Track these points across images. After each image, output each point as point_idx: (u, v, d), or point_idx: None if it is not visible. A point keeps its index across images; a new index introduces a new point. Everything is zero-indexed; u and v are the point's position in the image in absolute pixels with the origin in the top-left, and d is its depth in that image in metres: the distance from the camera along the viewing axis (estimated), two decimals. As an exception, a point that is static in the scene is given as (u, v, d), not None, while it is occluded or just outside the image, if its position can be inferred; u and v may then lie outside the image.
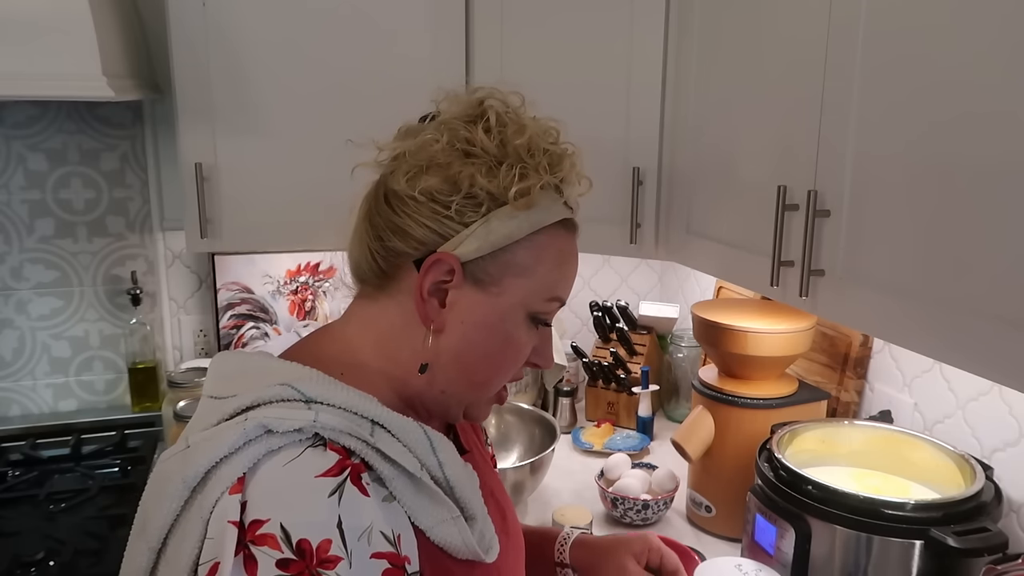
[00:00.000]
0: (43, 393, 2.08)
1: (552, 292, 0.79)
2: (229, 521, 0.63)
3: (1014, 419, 1.27)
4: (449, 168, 0.74)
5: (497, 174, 0.74)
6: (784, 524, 1.21)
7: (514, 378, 0.82)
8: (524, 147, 0.76)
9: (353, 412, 0.71)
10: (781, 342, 1.47)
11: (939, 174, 0.91)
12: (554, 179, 0.77)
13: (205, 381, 0.79)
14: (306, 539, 0.63)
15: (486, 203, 0.74)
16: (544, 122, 0.79)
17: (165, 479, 0.70)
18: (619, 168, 1.59)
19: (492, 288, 0.76)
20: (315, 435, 0.68)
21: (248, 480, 0.66)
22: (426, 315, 0.76)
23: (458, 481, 0.74)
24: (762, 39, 1.24)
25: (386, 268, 0.78)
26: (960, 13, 0.87)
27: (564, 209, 0.79)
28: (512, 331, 0.78)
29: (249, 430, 0.67)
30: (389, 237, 0.76)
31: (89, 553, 1.47)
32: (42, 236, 2.00)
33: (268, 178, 1.73)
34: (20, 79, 1.45)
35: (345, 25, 1.71)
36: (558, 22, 1.65)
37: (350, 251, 0.82)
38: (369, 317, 0.80)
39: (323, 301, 2.17)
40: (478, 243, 0.74)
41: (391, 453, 0.70)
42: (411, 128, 0.80)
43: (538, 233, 0.76)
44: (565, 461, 1.88)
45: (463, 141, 0.75)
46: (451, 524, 0.73)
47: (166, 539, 0.68)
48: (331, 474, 0.66)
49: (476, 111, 0.78)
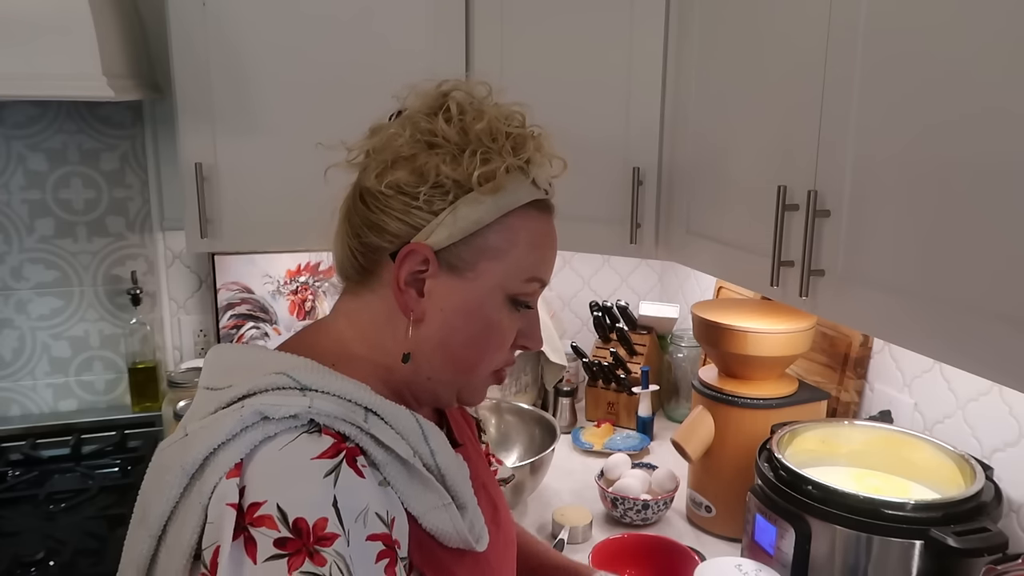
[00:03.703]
0: (43, 393, 2.08)
1: (529, 273, 0.80)
2: (227, 504, 0.64)
3: (1014, 419, 1.27)
4: (415, 160, 0.76)
5: (461, 161, 0.76)
6: (784, 524, 1.21)
7: (506, 363, 0.83)
8: (485, 132, 0.77)
9: (347, 399, 0.72)
10: (781, 342, 1.47)
11: (939, 173, 0.90)
12: (517, 161, 0.78)
13: (201, 373, 0.80)
14: (302, 518, 0.64)
15: (452, 191, 0.76)
16: (507, 107, 0.80)
17: (164, 468, 0.70)
18: (619, 168, 1.59)
19: (468, 273, 0.77)
20: (310, 421, 0.69)
21: (245, 465, 0.67)
22: (405, 305, 0.77)
23: (449, 469, 0.76)
24: (762, 39, 1.24)
25: (365, 264, 0.79)
26: (960, 12, 0.87)
27: (534, 190, 0.80)
28: (492, 315, 0.79)
29: (246, 417, 0.68)
30: (366, 233, 0.78)
31: (89, 553, 1.47)
32: (42, 236, 2.00)
33: (268, 178, 1.73)
34: (20, 79, 1.45)
35: (345, 25, 1.71)
36: (558, 22, 1.64)
37: (333, 251, 0.84)
38: (354, 311, 0.82)
39: (323, 301, 2.17)
40: (448, 230, 0.75)
41: (384, 439, 0.71)
42: (378, 126, 0.82)
43: (508, 216, 0.77)
44: (565, 461, 1.88)
45: (425, 132, 0.77)
46: (443, 511, 0.74)
47: (166, 526, 0.69)
48: (326, 456, 0.67)
49: (438, 103, 0.79)
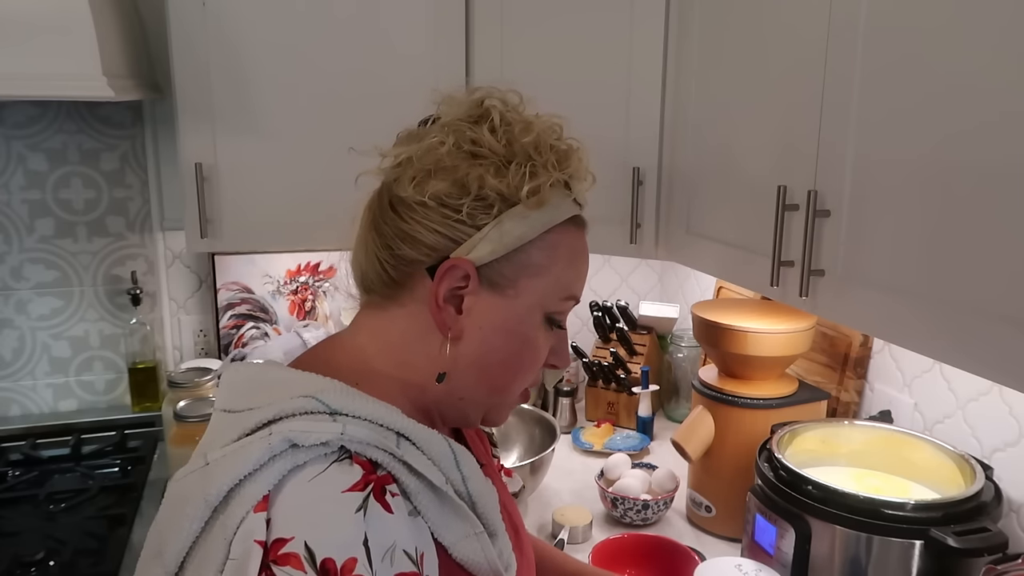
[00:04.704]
0: (43, 393, 2.08)
1: (568, 291, 0.78)
2: (255, 541, 0.61)
3: (1014, 419, 1.27)
4: (457, 171, 0.72)
5: (506, 174, 0.73)
6: (784, 524, 1.21)
7: (533, 383, 0.80)
8: (532, 145, 0.74)
9: (379, 424, 0.68)
10: (781, 342, 1.47)
11: (940, 174, 0.90)
12: (563, 176, 0.76)
13: (217, 395, 0.76)
14: (331, 558, 0.60)
15: (497, 204, 0.72)
16: (548, 119, 0.77)
17: (183, 499, 0.66)
18: (619, 168, 1.59)
19: (508, 291, 0.74)
20: (341, 448, 0.66)
21: (273, 497, 0.63)
22: (443, 323, 0.73)
23: (480, 496, 0.73)
24: (762, 39, 1.24)
25: (396, 277, 0.75)
26: (961, 12, 0.87)
27: (574, 206, 0.78)
28: (530, 333, 0.76)
29: (274, 445, 0.64)
30: (399, 245, 0.74)
31: (89, 553, 1.47)
32: (42, 236, 2.00)
33: (268, 178, 1.73)
34: (20, 79, 1.44)
35: (345, 25, 1.71)
36: (558, 22, 1.65)
37: (355, 261, 0.79)
38: (380, 327, 0.77)
39: (323, 301, 2.17)
40: (492, 246, 0.72)
41: (418, 466, 0.68)
42: (413, 133, 0.78)
43: (550, 232, 0.75)
44: (565, 461, 1.88)
45: (469, 142, 0.74)
46: (474, 540, 0.70)
47: (183, 563, 0.65)
48: (357, 488, 0.64)
49: (478, 111, 0.76)
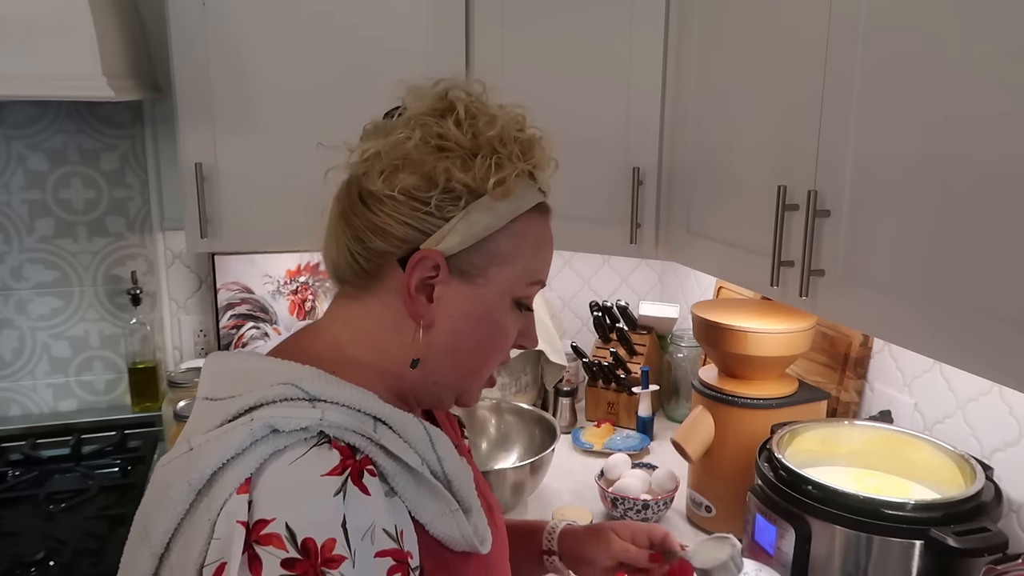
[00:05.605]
0: (43, 393, 2.08)
1: (534, 276, 0.81)
2: (238, 521, 0.63)
3: (1014, 419, 1.27)
4: (424, 165, 0.75)
5: (472, 167, 0.75)
6: (784, 524, 1.21)
7: (502, 362, 0.84)
8: (496, 137, 0.76)
9: (356, 409, 0.71)
10: (781, 342, 1.47)
11: (940, 173, 0.90)
12: (527, 166, 0.78)
13: (200, 383, 0.79)
14: (311, 538, 0.63)
15: (464, 196, 0.75)
16: (511, 109, 0.80)
17: (167, 484, 0.69)
18: (619, 168, 1.59)
19: (478, 279, 0.77)
20: (319, 433, 0.68)
21: (254, 480, 0.66)
22: (415, 312, 0.77)
23: (455, 475, 0.76)
24: (762, 39, 1.24)
25: (368, 268, 0.78)
26: (961, 10, 0.87)
27: (538, 194, 0.81)
28: (500, 318, 0.80)
29: (256, 430, 0.67)
30: (370, 238, 0.76)
31: (89, 553, 1.47)
32: (42, 236, 2.00)
33: (268, 178, 1.73)
34: (20, 79, 1.44)
35: (345, 26, 1.71)
36: (558, 22, 1.64)
37: (326, 252, 0.82)
38: (353, 316, 0.80)
39: (323, 301, 2.17)
40: (460, 237, 0.75)
41: (394, 449, 0.71)
42: (379, 126, 0.81)
43: (516, 221, 0.78)
44: (565, 461, 1.88)
45: (435, 136, 0.76)
46: (450, 517, 0.74)
47: (169, 543, 0.68)
48: (335, 472, 0.66)
49: (443, 104, 0.78)
